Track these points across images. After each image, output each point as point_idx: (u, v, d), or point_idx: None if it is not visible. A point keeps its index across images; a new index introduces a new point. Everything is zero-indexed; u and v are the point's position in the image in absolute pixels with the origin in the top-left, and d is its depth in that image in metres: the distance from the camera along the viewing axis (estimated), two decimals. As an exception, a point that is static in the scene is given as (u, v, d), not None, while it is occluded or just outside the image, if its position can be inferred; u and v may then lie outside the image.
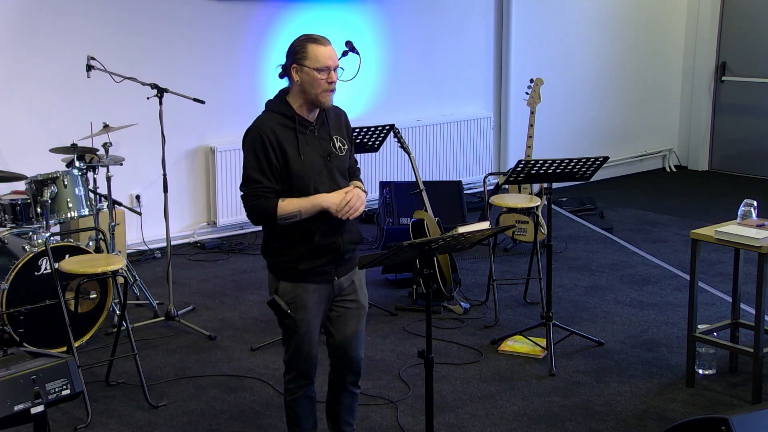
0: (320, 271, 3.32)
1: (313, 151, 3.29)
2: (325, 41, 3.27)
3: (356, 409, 3.62)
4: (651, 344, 5.01)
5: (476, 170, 8.40)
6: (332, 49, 3.27)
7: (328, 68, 3.23)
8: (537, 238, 5.47)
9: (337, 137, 3.36)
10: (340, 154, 3.34)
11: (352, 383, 3.54)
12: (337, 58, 3.29)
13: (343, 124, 3.43)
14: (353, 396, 3.58)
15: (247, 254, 6.66)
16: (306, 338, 3.38)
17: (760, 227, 4.19)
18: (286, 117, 3.30)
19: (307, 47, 3.25)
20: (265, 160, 3.22)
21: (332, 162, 3.30)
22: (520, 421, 4.14)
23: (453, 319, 5.38)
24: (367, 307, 3.51)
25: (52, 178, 4.90)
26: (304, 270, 3.31)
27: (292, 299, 3.35)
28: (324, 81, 3.23)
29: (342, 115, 3.45)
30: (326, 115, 3.36)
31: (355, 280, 3.45)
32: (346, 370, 3.51)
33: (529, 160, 4.75)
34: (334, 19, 7.35)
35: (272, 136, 3.23)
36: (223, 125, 7.00)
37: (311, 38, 3.27)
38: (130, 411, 4.23)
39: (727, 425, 2.98)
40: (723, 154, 9.77)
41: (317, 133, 3.32)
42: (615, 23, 9.22)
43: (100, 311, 4.98)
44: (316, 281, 3.33)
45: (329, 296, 3.39)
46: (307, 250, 3.29)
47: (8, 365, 3.03)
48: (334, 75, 3.25)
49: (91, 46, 5.80)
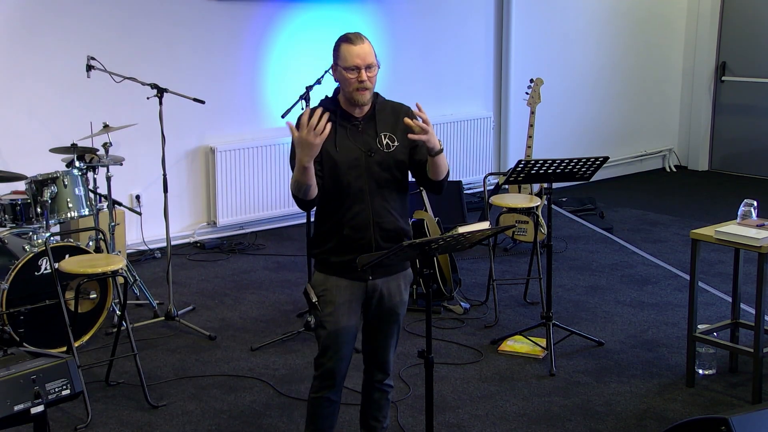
0: (352, 267, 3.23)
1: (353, 144, 3.27)
2: (358, 39, 3.24)
3: (386, 406, 3.60)
4: (651, 344, 5.01)
5: (476, 170, 8.40)
6: (364, 48, 3.23)
7: (357, 67, 3.21)
8: (537, 238, 5.48)
9: (386, 134, 3.32)
10: (386, 150, 3.30)
11: (380, 381, 3.54)
12: (370, 56, 3.24)
13: (401, 120, 3.33)
14: (382, 393, 3.57)
15: (247, 254, 6.66)
16: (332, 336, 3.33)
17: (760, 227, 4.19)
18: (330, 111, 3.28)
19: (340, 47, 3.25)
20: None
21: (373, 158, 3.27)
22: (520, 421, 4.14)
23: (453, 319, 5.38)
24: (402, 313, 3.46)
25: (52, 178, 4.90)
26: (335, 263, 3.30)
27: (322, 292, 3.34)
28: (354, 80, 3.22)
29: (402, 111, 3.38)
30: (377, 111, 3.34)
31: (393, 286, 3.38)
32: (375, 370, 3.53)
33: (529, 160, 4.75)
34: (334, 19, 7.35)
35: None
36: (223, 125, 7.00)
37: (345, 37, 3.26)
38: (130, 411, 4.23)
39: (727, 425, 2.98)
40: (723, 154, 9.77)
41: (361, 128, 3.31)
42: (615, 23, 9.22)
43: (100, 311, 4.98)
44: (348, 277, 3.30)
45: (362, 296, 3.35)
46: (338, 242, 3.29)
47: (8, 365, 3.03)
48: (364, 74, 3.22)
49: (91, 46, 5.80)
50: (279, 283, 6.02)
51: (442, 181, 3.36)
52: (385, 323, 3.43)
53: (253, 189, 7.08)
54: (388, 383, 3.57)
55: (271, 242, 6.94)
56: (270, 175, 7.15)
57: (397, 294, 3.41)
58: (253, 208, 7.13)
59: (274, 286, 5.96)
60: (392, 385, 3.61)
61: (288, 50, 7.17)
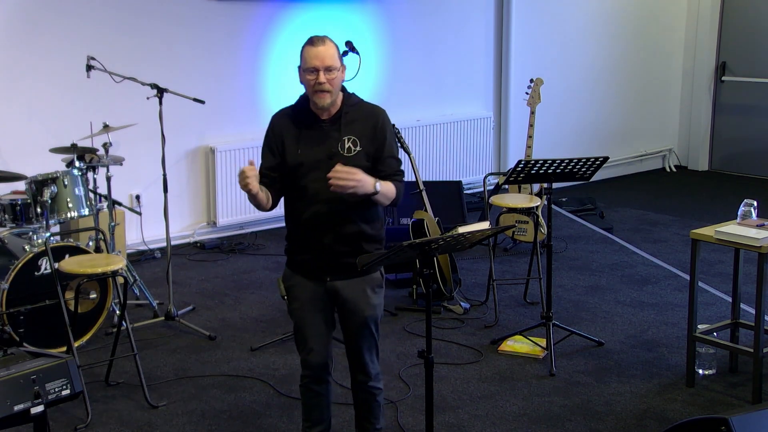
0: (310, 267, 3.37)
1: (315, 147, 3.29)
2: (319, 42, 3.24)
3: (376, 408, 3.58)
4: (651, 344, 5.01)
5: (476, 170, 8.40)
6: (324, 50, 3.22)
7: (315, 69, 3.21)
8: (537, 238, 5.47)
9: (351, 138, 3.30)
10: (347, 155, 3.29)
11: (362, 382, 3.54)
12: (329, 58, 3.22)
13: (371, 126, 3.33)
14: (367, 394, 3.56)
15: (247, 254, 6.66)
16: (300, 328, 3.45)
17: (760, 227, 4.19)
18: (298, 111, 3.36)
19: (303, 50, 3.28)
20: (265, 144, 3.40)
21: (334, 161, 3.26)
22: (520, 421, 4.14)
23: (453, 319, 5.38)
24: (370, 316, 3.44)
25: (52, 178, 4.90)
26: (298, 261, 3.41)
27: (288, 287, 3.46)
28: (313, 81, 3.23)
29: (373, 117, 3.35)
30: (343, 114, 3.32)
31: (356, 291, 3.38)
32: (354, 369, 3.54)
33: (529, 160, 4.75)
34: (334, 19, 7.35)
35: (277, 127, 3.37)
36: (223, 125, 7.00)
37: (308, 40, 3.29)
38: (130, 411, 4.23)
39: (727, 425, 2.98)
40: (723, 154, 9.77)
41: (325, 131, 3.31)
42: (615, 23, 9.22)
43: (100, 311, 4.98)
44: (307, 276, 3.39)
45: (325, 296, 3.39)
46: (297, 243, 3.40)
47: (8, 365, 3.03)
48: (322, 76, 3.21)
49: (91, 46, 5.79)
50: (279, 283, 6.01)
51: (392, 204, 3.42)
52: (353, 326, 3.45)
53: (253, 189, 7.08)
54: (374, 385, 3.55)
55: (271, 242, 6.94)
56: (270, 175, 7.14)
57: (362, 298, 3.40)
58: (252, 208, 7.00)
59: (274, 286, 5.96)
60: (379, 387, 3.58)
61: (288, 50, 7.16)
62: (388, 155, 3.36)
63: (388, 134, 3.37)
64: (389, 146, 3.37)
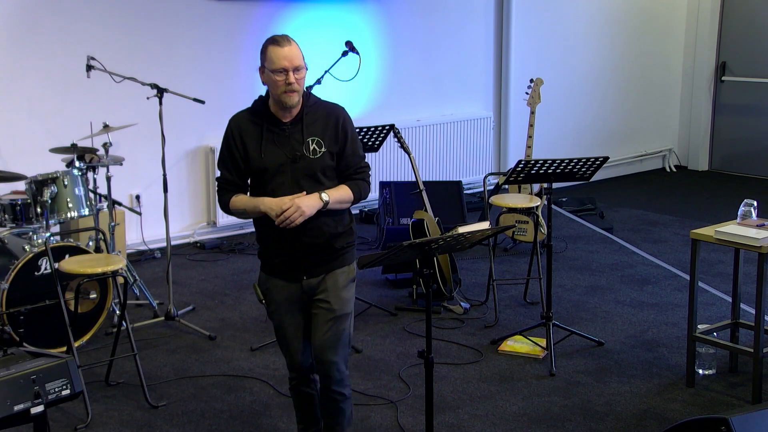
0: (285, 268, 3.36)
1: (279, 150, 3.26)
2: (285, 42, 3.22)
3: (339, 415, 3.46)
4: (651, 344, 5.01)
5: (476, 170, 8.40)
6: (291, 50, 3.21)
7: (284, 69, 3.19)
8: (537, 238, 5.47)
9: (314, 139, 3.27)
10: (312, 157, 3.26)
11: (326, 387, 3.42)
12: (297, 58, 3.21)
13: (333, 124, 3.31)
14: (330, 400, 3.44)
15: (247, 254, 6.66)
16: (280, 331, 3.46)
17: (760, 227, 4.19)
18: (258, 114, 3.33)
19: (267, 49, 3.24)
20: (227, 154, 3.35)
21: (299, 164, 3.24)
22: (520, 421, 4.14)
23: (453, 319, 5.38)
24: (341, 312, 3.35)
25: (52, 178, 4.90)
26: (272, 263, 3.40)
27: (265, 291, 3.45)
28: (282, 82, 3.20)
29: (334, 116, 3.33)
30: (305, 115, 3.29)
31: (329, 283, 3.35)
32: (320, 373, 3.44)
33: (529, 160, 4.75)
34: (334, 19, 7.35)
35: (237, 131, 3.33)
36: (223, 125, 6.86)
37: (272, 39, 3.25)
38: (130, 411, 4.23)
39: (727, 425, 2.98)
40: (723, 154, 9.77)
41: (288, 133, 3.28)
42: (615, 23, 9.22)
43: (100, 311, 4.99)
44: (283, 278, 3.38)
45: (300, 296, 3.37)
46: (269, 245, 3.38)
47: (8, 365, 3.03)
48: (292, 76, 3.19)
49: (91, 46, 5.79)
50: (279, 283, 6.01)
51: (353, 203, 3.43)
52: (322, 322, 3.35)
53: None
54: (338, 390, 3.40)
55: (271, 242, 6.93)
56: (270, 175, 7.14)
57: (333, 290, 3.35)
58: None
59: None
60: (344, 393, 3.43)
61: (288, 50, 7.16)
62: (350, 153, 3.35)
63: (349, 131, 3.36)
64: (351, 143, 3.35)
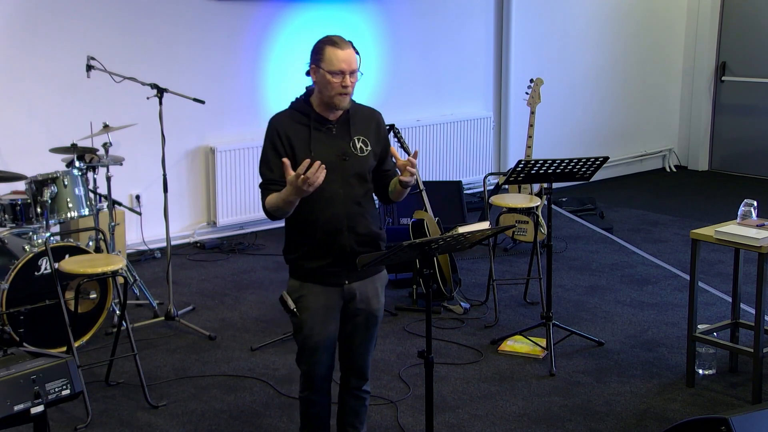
0: (327, 272, 3.27)
1: (328, 149, 3.25)
2: (344, 44, 3.22)
3: (363, 413, 3.59)
4: (651, 344, 5.01)
5: (476, 170, 8.40)
6: (350, 53, 3.21)
7: (342, 72, 3.18)
8: (537, 238, 5.47)
9: (360, 138, 3.31)
10: (360, 155, 3.29)
11: (357, 388, 3.52)
12: (355, 62, 3.22)
13: (374, 126, 3.37)
14: (358, 399, 3.55)
15: (247, 254, 6.66)
16: (309, 340, 3.33)
17: (760, 227, 4.19)
18: (303, 114, 3.29)
19: (325, 49, 3.21)
20: (271, 152, 3.25)
21: (348, 162, 3.26)
22: (520, 421, 4.14)
23: (453, 319, 5.38)
24: (380, 317, 3.45)
25: (52, 178, 4.90)
26: (310, 269, 3.29)
27: (297, 298, 3.33)
28: (338, 84, 3.20)
29: (374, 118, 3.40)
30: (350, 115, 3.32)
31: (370, 289, 3.38)
32: (351, 375, 3.50)
33: (529, 160, 4.75)
34: (334, 19, 7.35)
35: (282, 130, 3.25)
36: (223, 125, 7.00)
37: (330, 40, 3.23)
38: (130, 411, 4.23)
39: (727, 425, 2.99)
40: (723, 154, 9.77)
41: (335, 132, 3.29)
42: (615, 23, 9.22)
43: (100, 311, 4.98)
44: (323, 283, 3.30)
45: (339, 301, 3.33)
46: (311, 247, 3.28)
47: (8, 365, 3.03)
48: (348, 79, 3.20)
49: (91, 46, 5.80)
50: (279, 283, 6.01)
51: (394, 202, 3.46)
52: (363, 327, 3.41)
53: (253, 189, 7.08)
54: (366, 389, 3.55)
55: (271, 242, 6.94)
56: (270, 175, 7.13)
57: (375, 297, 3.41)
58: (253, 208, 7.13)
59: (274, 286, 5.96)
60: (369, 391, 3.59)
61: (288, 50, 7.17)
62: (391, 155, 3.40)
63: (386, 134, 3.45)
64: (389, 146, 3.44)
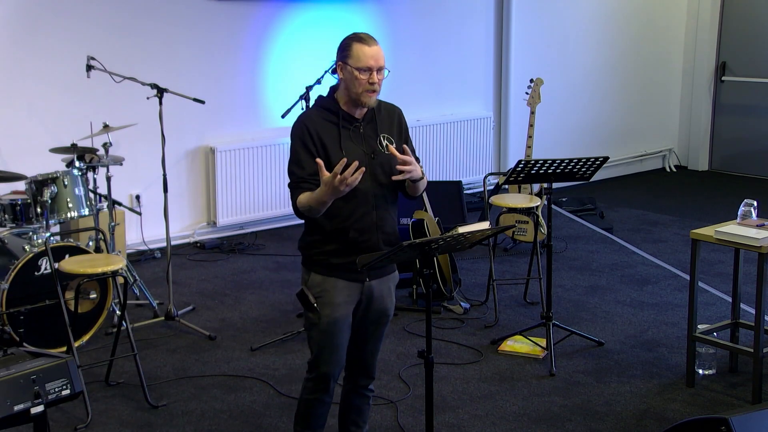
0: (352, 268, 3.23)
1: (357, 147, 3.24)
2: (371, 41, 3.23)
3: (367, 411, 3.61)
4: (651, 344, 5.01)
5: (476, 170, 8.40)
6: (378, 50, 3.23)
7: (369, 68, 3.19)
8: (537, 238, 5.47)
9: (385, 135, 3.31)
10: (386, 152, 3.28)
11: (363, 386, 3.53)
12: (382, 59, 3.24)
13: (396, 122, 3.38)
14: (363, 398, 3.56)
15: (247, 254, 6.66)
16: (329, 337, 3.31)
17: (760, 227, 4.19)
18: (330, 112, 3.28)
19: (353, 46, 3.21)
20: (302, 150, 3.22)
21: (376, 160, 3.25)
22: (520, 421, 4.14)
23: (453, 319, 5.38)
24: (391, 316, 3.46)
25: (52, 178, 4.90)
26: (335, 264, 3.27)
27: (319, 293, 3.30)
28: (365, 81, 3.20)
29: (396, 113, 3.41)
30: (375, 112, 3.32)
31: (385, 288, 3.39)
32: (359, 374, 3.50)
33: (529, 160, 4.75)
34: (334, 19, 7.35)
35: (313, 128, 3.23)
36: (223, 125, 7.00)
37: (358, 37, 3.23)
38: (130, 411, 4.23)
39: (727, 425, 2.98)
40: (723, 154, 9.77)
41: (362, 130, 3.29)
42: (615, 23, 9.22)
43: (100, 311, 4.98)
44: (346, 278, 3.28)
45: (358, 297, 3.33)
46: (342, 245, 3.26)
47: (8, 365, 3.03)
48: (375, 76, 3.21)
49: (91, 46, 5.79)
50: (279, 283, 6.01)
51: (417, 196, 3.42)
52: (375, 325, 3.42)
53: (253, 189, 7.08)
54: (371, 388, 3.57)
55: (271, 242, 6.94)
56: (270, 175, 7.14)
57: (388, 296, 3.42)
58: (253, 208, 7.13)
59: (274, 286, 5.96)
60: (374, 390, 3.60)
61: (288, 50, 7.17)
62: (412, 150, 3.37)
63: (407, 128, 3.44)
64: (410, 141, 3.44)
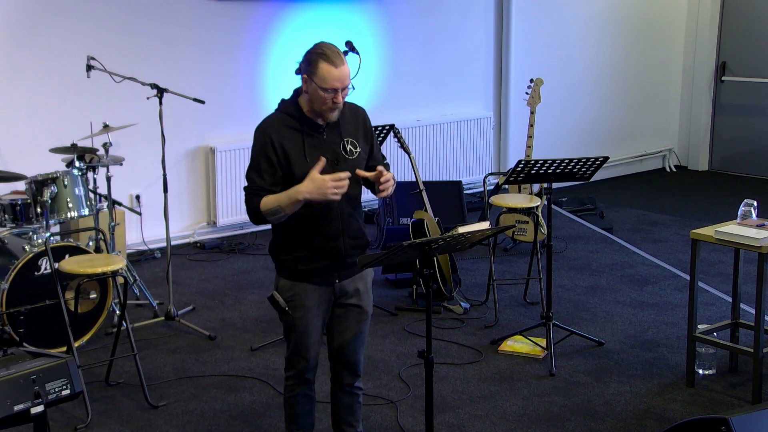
0: (320, 272, 3.32)
1: (321, 154, 3.23)
2: (339, 61, 3.16)
3: (358, 410, 3.62)
4: (651, 344, 5.01)
5: (476, 170, 8.40)
6: (344, 71, 3.16)
7: (335, 90, 3.17)
8: (537, 238, 5.47)
9: (349, 140, 3.31)
10: (350, 158, 3.28)
11: (349, 384, 3.54)
12: (348, 78, 3.18)
13: (360, 124, 3.37)
14: (352, 396, 3.57)
15: (247, 254, 6.66)
16: (304, 338, 3.38)
17: (760, 227, 4.19)
18: (293, 118, 3.27)
19: (319, 66, 3.14)
20: (263, 159, 3.22)
21: (340, 166, 3.24)
22: (520, 421, 4.14)
23: (453, 319, 5.38)
24: (370, 312, 3.49)
25: (52, 178, 4.90)
26: (303, 270, 3.33)
27: (290, 297, 3.37)
28: (329, 100, 3.18)
29: (359, 114, 3.39)
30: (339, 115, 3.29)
31: (360, 285, 3.42)
32: (343, 372, 3.51)
33: (529, 160, 4.75)
34: (334, 19, 7.35)
35: (276, 136, 3.22)
36: (223, 125, 7.00)
37: (325, 55, 3.15)
38: (130, 411, 4.23)
39: (727, 425, 2.99)
40: (723, 154, 9.77)
41: (326, 136, 3.28)
42: (615, 23, 9.22)
43: (100, 311, 4.99)
44: (315, 282, 3.34)
45: (330, 298, 3.38)
46: (307, 252, 3.30)
47: (8, 365, 3.03)
48: (340, 96, 3.19)
49: (91, 46, 5.80)
50: (279, 283, 6.01)
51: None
52: (354, 322, 3.44)
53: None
54: (359, 386, 3.57)
55: (271, 242, 6.94)
56: (270, 175, 7.14)
57: (365, 293, 3.45)
58: (253, 208, 7.12)
59: (273, 286, 5.95)
60: (362, 388, 3.61)
61: (288, 50, 7.17)
62: (376, 150, 3.43)
63: (371, 129, 3.44)
64: (375, 141, 3.44)
